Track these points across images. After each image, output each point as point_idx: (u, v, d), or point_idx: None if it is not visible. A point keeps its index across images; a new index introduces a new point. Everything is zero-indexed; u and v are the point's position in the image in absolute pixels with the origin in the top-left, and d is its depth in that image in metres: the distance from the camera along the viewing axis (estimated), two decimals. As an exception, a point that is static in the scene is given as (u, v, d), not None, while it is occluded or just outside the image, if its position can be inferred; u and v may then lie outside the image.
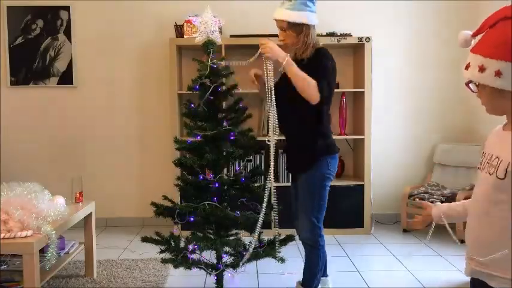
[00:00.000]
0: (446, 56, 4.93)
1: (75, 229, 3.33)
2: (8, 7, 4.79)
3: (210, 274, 2.99)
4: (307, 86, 2.63)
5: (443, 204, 1.82)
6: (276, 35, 4.43)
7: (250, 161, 4.42)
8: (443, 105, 4.98)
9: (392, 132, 5.00)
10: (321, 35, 3.49)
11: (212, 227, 2.96)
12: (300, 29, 2.75)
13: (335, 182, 4.21)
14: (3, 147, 4.85)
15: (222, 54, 4.33)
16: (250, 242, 2.85)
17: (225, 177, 2.95)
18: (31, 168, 4.83)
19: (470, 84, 1.53)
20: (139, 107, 4.93)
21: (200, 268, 2.96)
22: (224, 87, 3.01)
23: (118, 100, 4.92)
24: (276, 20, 2.80)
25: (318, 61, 2.74)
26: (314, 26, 2.79)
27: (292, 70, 2.64)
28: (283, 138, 2.96)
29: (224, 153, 2.95)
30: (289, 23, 2.74)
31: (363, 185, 4.57)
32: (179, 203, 3.02)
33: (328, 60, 2.76)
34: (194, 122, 3.02)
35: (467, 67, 1.52)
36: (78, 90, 4.90)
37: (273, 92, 2.70)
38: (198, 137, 2.94)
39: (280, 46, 2.74)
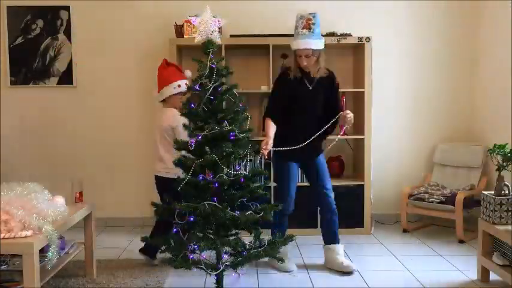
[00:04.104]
0: (446, 56, 4.93)
1: (75, 229, 3.33)
2: (8, 7, 4.79)
3: (210, 274, 2.99)
4: None
5: None
6: (274, 36, 4.52)
7: (251, 160, 4.41)
8: (443, 105, 4.98)
9: (392, 132, 5.00)
10: (321, 35, 3.52)
11: (212, 227, 2.96)
12: (319, 53, 3.47)
13: (335, 182, 4.21)
14: (3, 147, 4.85)
15: (221, 54, 4.33)
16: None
17: (225, 177, 2.94)
18: (31, 168, 4.83)
19: None
20: (139, 106, 4.92)
21: (200, 268, 2.96)
22: (224, 87, 3.01)
23: (118, 100, 4.92)
24: (304, 49, 3.39)
25: (335, 84, 3.65)
26: None
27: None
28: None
29: (224, 153, 2.95)
30: (313, 49, 3.40)
31: (362, 185, 4.57)
32: (179, 203, 3.02)
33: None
34: (194, 122, 3.02)
35: None
36: (78, 90, 4.90)
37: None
38: (199, 137, 2.94)
39: (303, 68, 3.49)
